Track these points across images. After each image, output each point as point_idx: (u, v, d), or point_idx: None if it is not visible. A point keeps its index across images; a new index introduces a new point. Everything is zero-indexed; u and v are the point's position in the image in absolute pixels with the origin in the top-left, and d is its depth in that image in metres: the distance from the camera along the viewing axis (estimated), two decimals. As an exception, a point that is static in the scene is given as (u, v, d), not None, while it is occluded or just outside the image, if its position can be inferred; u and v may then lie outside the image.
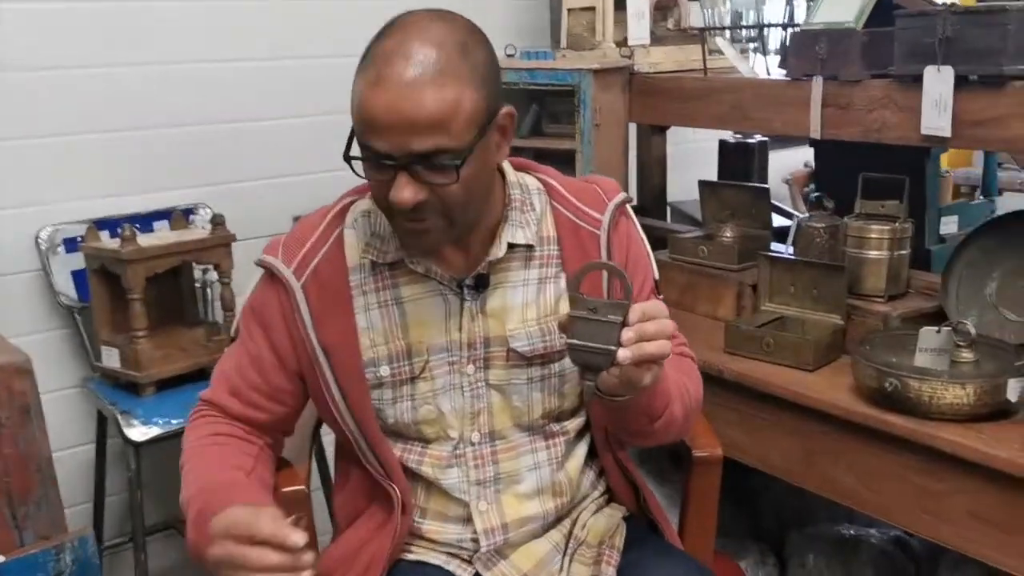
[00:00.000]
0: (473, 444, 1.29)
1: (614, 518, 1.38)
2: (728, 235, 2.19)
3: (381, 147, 1.08)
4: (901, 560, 2.16)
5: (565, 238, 1.29)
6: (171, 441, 1.77)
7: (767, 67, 2.13)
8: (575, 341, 1.08)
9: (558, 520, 1.34)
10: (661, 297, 1.35)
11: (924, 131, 1.70)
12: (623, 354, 1.06)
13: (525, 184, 1.31)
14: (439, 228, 1.15)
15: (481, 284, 1.25)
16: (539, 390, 1.29)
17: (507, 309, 1.26)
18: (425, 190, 1.10)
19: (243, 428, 1.28)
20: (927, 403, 1.56)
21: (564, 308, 1.18)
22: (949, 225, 2.25)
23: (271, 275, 1.27)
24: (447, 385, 1.27)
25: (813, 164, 3.39)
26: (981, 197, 2.39)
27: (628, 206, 1.37)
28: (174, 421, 1.93)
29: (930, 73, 1.68)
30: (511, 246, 1.25)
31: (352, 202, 1.31)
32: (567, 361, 1.24)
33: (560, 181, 1.34)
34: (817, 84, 1.87)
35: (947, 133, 1.68)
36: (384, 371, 1.25)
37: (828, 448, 1.73)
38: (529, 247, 1.27)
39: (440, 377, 1.27)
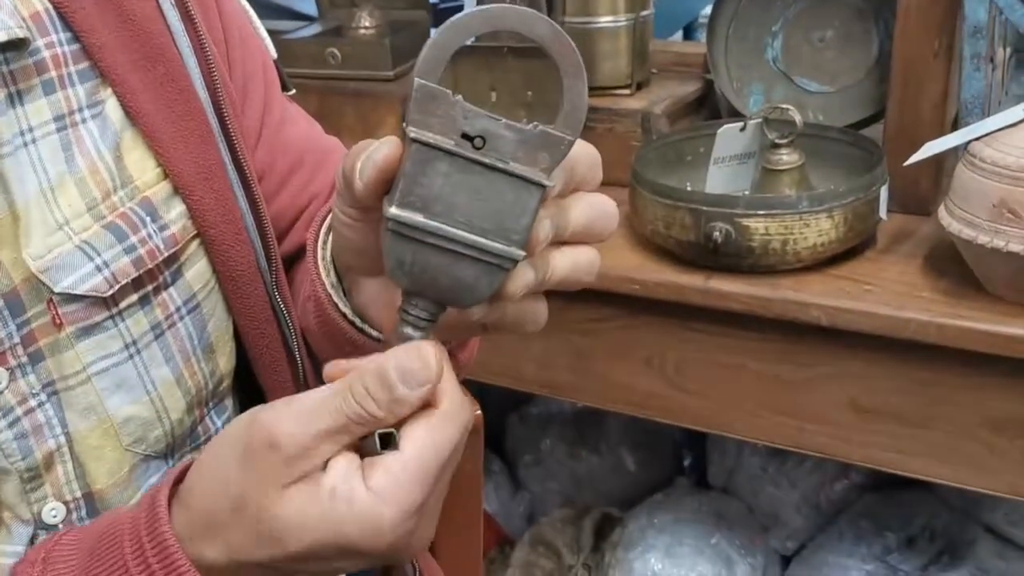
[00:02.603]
0: (50, 529, 0.56)
1: None
2: (368, 25, 1.40)
3: None
4: (666, 434, 1.67)
5: (75, 6, 0.56)
6: None
7: None
8: (417, 218, 0.40)
9: None
10: (292, 93, 0.73)
11: None
12: (524, 280, 0.43)
13: None
14: None
15: None
16: (165, 358, 0.58)
17: (19, 211, 0.53)
18: None
19: None
20: (778, 252, 0.96)
21: (139, 161, 0.57)
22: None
23: None
24: None
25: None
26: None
27: None
28: None
29: None
30: None
31: None
32: (200, 262, 0.60)
33: None
34: None
35: None
36: None
37: (614, 343, 1.10)
38: (11, 47, 0.53)
39: None
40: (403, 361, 0.41)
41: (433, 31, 1.48)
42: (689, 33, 1.95)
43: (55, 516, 0.56)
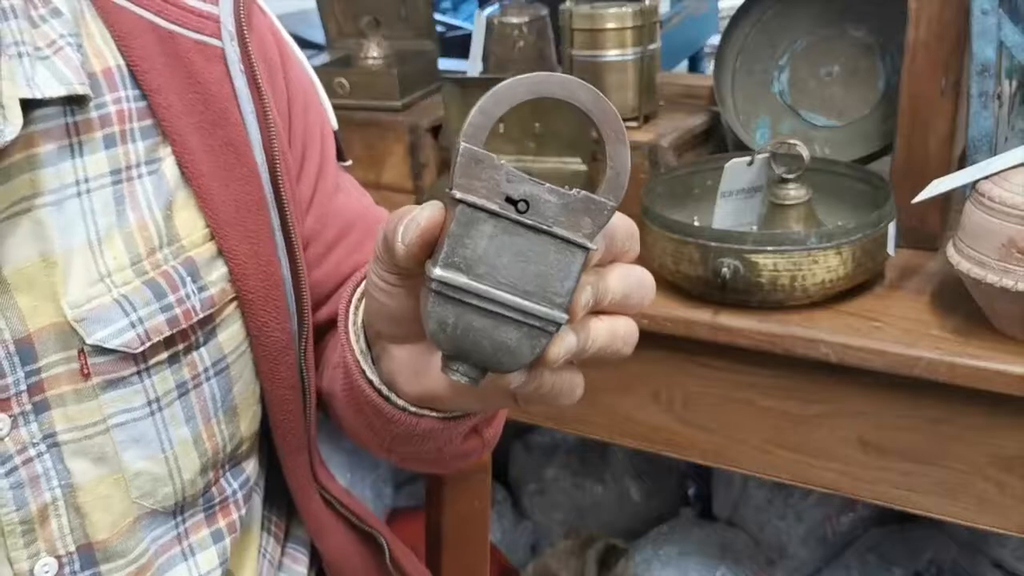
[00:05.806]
0: None
1: None
2: (375, 55, 1.40)
3: None
4: (671, 464, 1.66)
5: (147, 66, 0.57)
6: None
7: None
8: (461, 280, 0.40)
9: None
10: (349, 164, 0.74)
11: None
12: (566, 345, 0.42)
13: None
14: None
15: None
16: (185, 418, 0.58)
17: (57, 259, 0.53)
18: None
19: None
20: (786, 288, 0.96)
21: (188, 221, 0.57)
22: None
23: None
24: None
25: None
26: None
27: None
28: None
29: None
30: (31, 105, 0.52)
31: None
32: (235, 324, 0.59)
33: None
34: None
35: None
36: None
37: (622, 377, 1.10)
38: (75, 101, 0.54)
39: None
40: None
41: (441, 60, 1.49)
42: (695, 63, 1.96)
43: (47, 572, 0.55)
